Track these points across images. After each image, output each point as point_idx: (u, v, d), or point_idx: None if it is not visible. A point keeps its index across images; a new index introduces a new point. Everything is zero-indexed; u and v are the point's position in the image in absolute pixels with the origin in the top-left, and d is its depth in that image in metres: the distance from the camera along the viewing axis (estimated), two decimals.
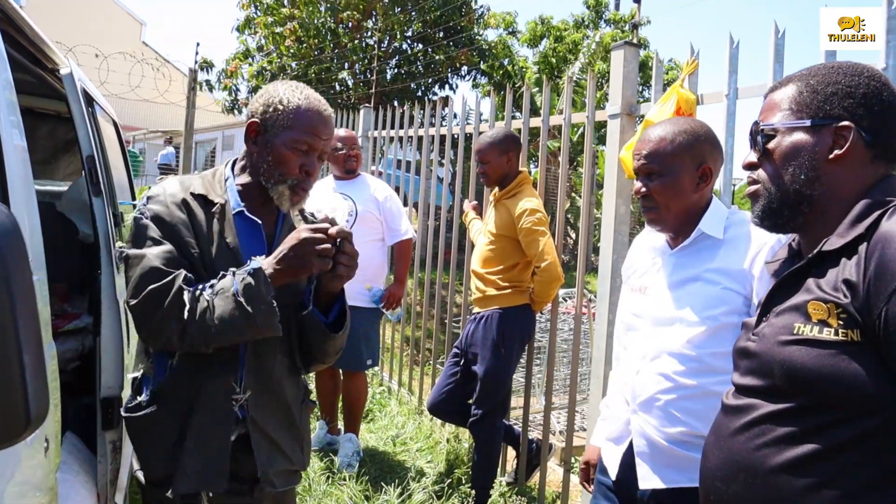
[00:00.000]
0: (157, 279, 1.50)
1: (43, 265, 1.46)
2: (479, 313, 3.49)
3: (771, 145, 1.23)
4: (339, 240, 1.54)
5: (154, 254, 1.53)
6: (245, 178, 1.72)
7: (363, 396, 4.24)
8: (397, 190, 5.31)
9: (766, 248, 1.72)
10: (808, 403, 1.09)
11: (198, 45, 17.35)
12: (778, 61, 2.42)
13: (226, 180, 1.72)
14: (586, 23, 19.77)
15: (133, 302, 1.52)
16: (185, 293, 1.50)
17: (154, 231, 1.56)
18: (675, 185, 1.79)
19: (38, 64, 2.05)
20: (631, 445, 1.86)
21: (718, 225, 1.81)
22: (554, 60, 18.02)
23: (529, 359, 3.88)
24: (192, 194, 1.65)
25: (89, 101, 2.34)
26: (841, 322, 1.05)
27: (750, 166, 1.28)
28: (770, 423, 1.13)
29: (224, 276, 1.54)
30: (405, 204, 5.38)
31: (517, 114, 4.05)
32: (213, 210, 1.64)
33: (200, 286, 1.53)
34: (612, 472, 1.93)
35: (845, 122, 1.16)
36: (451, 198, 5.00)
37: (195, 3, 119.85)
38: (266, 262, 1.53)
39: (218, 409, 1.61)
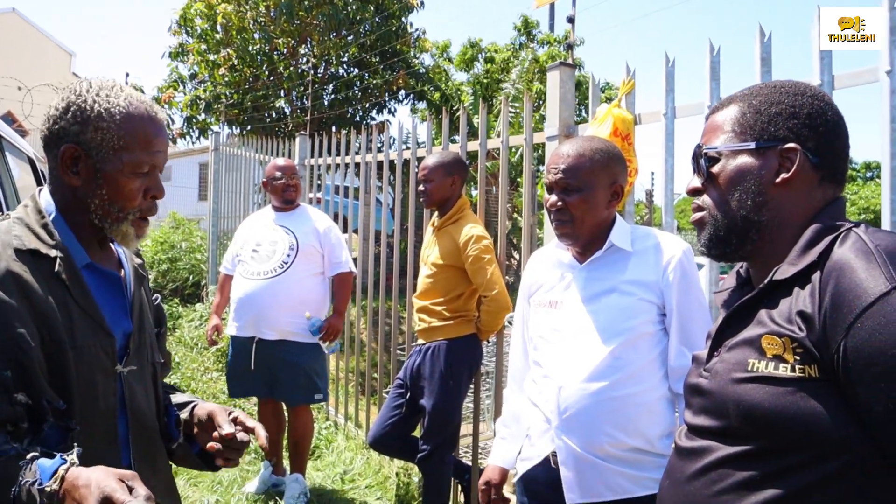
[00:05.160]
0: None
1: None
2: (423, 344, 3.38)
3: (715, 169, 1.17)
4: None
5: None
6: (70, 217, 1.32)
7: (310, 433, 4.09)
8: (336, 217, 5.19)
9: (675, 259, 1.81)
10: (767, 445, 1.02)
11: (127, 74, 16.89)
12: (714, 80, 2.42)
13: (52, 220, 1.30)
14: (519, 47, 20.03)
15: None
16: None
17: None
18: (591, 200, 1.84)
19: None
20: (555, 464, 1.85)
21: (626, 238, 1.88)
22: (486, 81, 18.18)
23: (477, 385, 3.79)
24: (17, 252, 1.21)
25: None
26: (797, 357, 0.99)
27: (694, 192, 1.22)
28: (728, 466, 1.06)
29: (35, 458, 1.09)
30: (345, 230, 5.26)
31: (455, 137, 3.99)
32: (55, 269, 1.24)
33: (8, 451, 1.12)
34: (536, 492, 1.92)
35: (791, 144, 1.11)
36: (392, 222, 4.91)
37: (127, 31, 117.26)
38: (70, 477, 1.04)
39: None
